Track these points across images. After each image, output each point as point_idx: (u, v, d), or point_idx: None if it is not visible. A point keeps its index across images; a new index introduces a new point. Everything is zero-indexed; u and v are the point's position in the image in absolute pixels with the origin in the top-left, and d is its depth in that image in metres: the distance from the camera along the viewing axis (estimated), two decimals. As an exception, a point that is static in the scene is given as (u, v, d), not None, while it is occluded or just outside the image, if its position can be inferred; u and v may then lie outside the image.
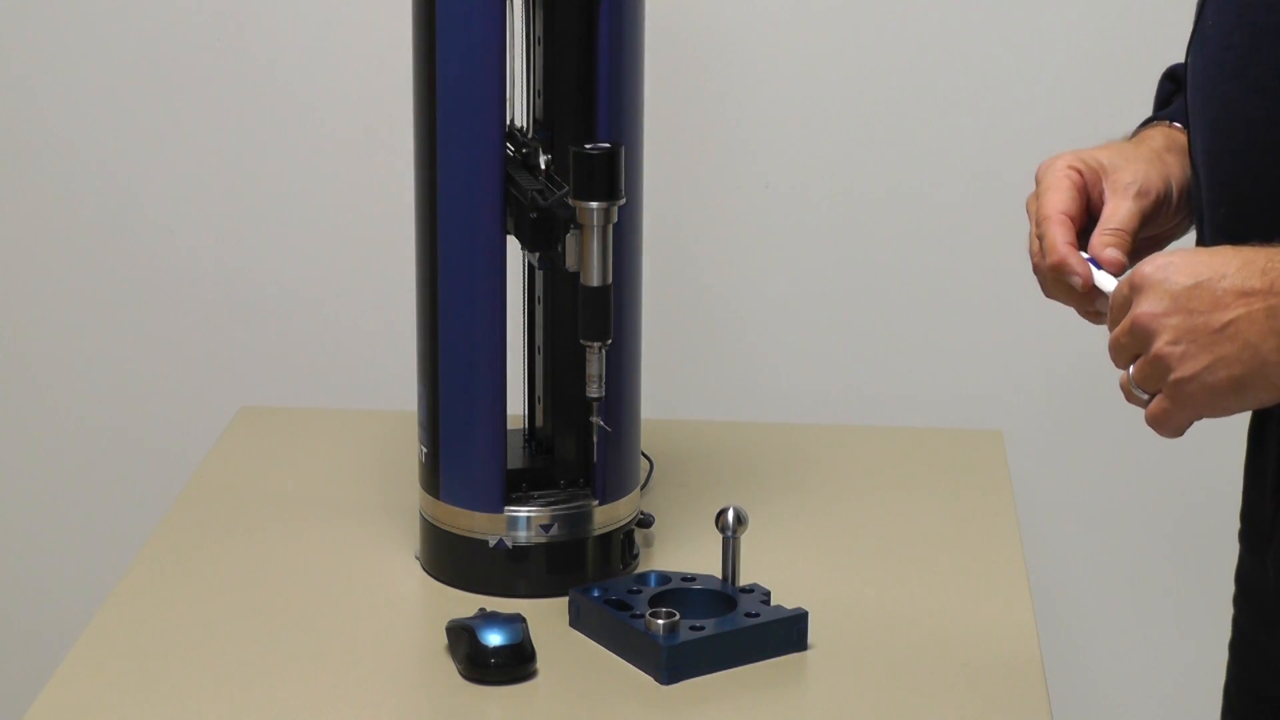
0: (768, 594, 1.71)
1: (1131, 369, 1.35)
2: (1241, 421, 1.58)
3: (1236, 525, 1.61)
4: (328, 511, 1.94)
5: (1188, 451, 2.39)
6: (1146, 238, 1.53)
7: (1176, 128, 1.57)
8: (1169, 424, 1.35)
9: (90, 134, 2.42)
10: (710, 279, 2.41)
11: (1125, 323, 1.35)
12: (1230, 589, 1.64)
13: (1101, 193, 1.51)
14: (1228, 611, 1.64)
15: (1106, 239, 1.47)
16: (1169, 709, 2.49)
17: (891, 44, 2.33)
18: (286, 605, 1.76)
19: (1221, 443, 1.72)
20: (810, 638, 1.68)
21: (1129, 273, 1.36)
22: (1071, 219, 1.48)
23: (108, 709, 1.60)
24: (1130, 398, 1.36)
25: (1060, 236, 1.46)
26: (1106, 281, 1.43)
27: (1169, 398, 1.34)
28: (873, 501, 2.00)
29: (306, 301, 2.44)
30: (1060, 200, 1.48)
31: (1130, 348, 1.35)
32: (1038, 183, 1.51)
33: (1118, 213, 1.48)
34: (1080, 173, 1.50)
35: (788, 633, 1.68)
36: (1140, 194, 1.50)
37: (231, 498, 1.98)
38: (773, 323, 2.42)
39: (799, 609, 1.69)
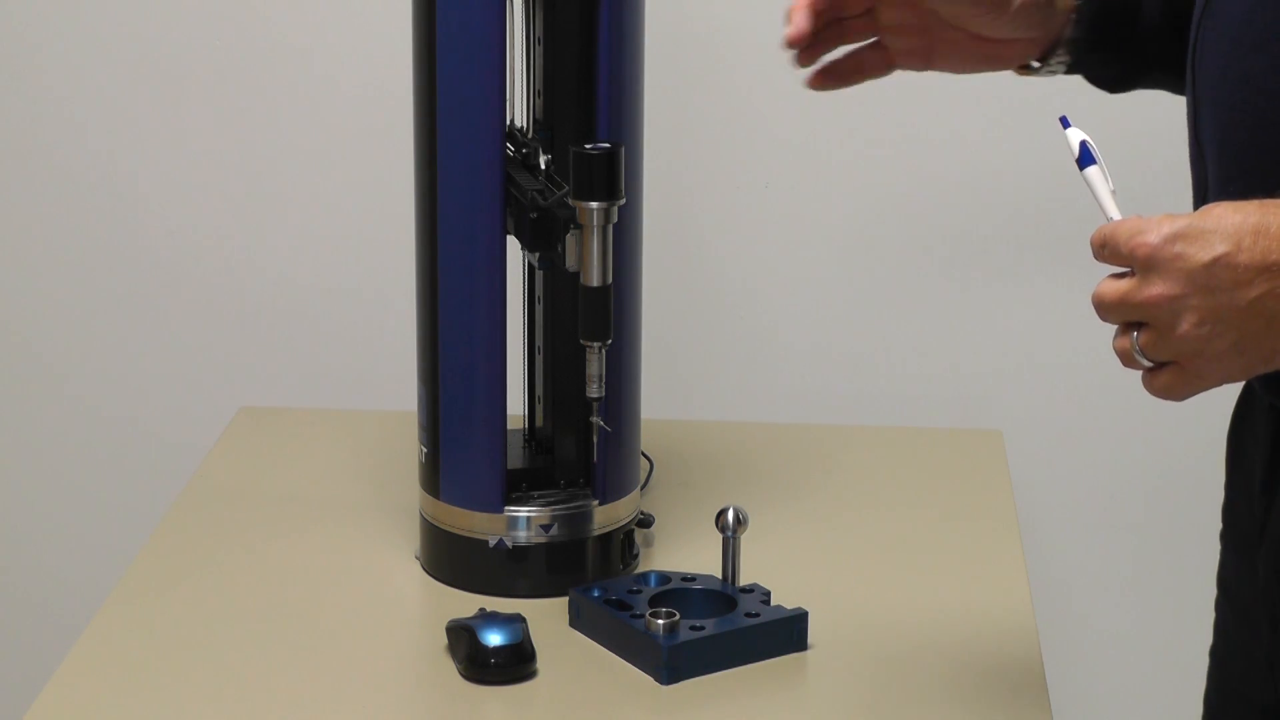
0: (768, 594, 1.70)
1: (1138, 336, 1.27)
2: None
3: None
4: (328, 511, 1.94)
5: (1188, 451, 2.40)
6: (976, 37, 1.55)
7: None
8: (1181, 394, 1.28)
9: (90, 134, 2.42)
10: (710, 279, 2.41)
11: (1129, 296, 1.26)
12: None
13: None
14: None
15: None
16: (1170, 709, 2.49)
17: (891, 44, 2.33)
18: (286, 605, 1.76)
19: (1223, 442, 1.72)
20: (810, 638, 1.68)
21: (1130, 236, 1.26)
22: None
23: (108, 709, 1.60)
24: (1131, 363, 1.29)
25: None
26: (1113, 208, 1.32)
27: (1192, 372, 1.27)
28: (873, 501, 2.00)
29: (306, 301, 2.44)
30: None
31: (1132, 317, 1.27)
32: None
33: None
34: None
35: (788, 633, 1.68)
36: None
37: (231, 498, 1.97)
38: (773, 323, 2.42)
39: (799, 609, 1.68)
